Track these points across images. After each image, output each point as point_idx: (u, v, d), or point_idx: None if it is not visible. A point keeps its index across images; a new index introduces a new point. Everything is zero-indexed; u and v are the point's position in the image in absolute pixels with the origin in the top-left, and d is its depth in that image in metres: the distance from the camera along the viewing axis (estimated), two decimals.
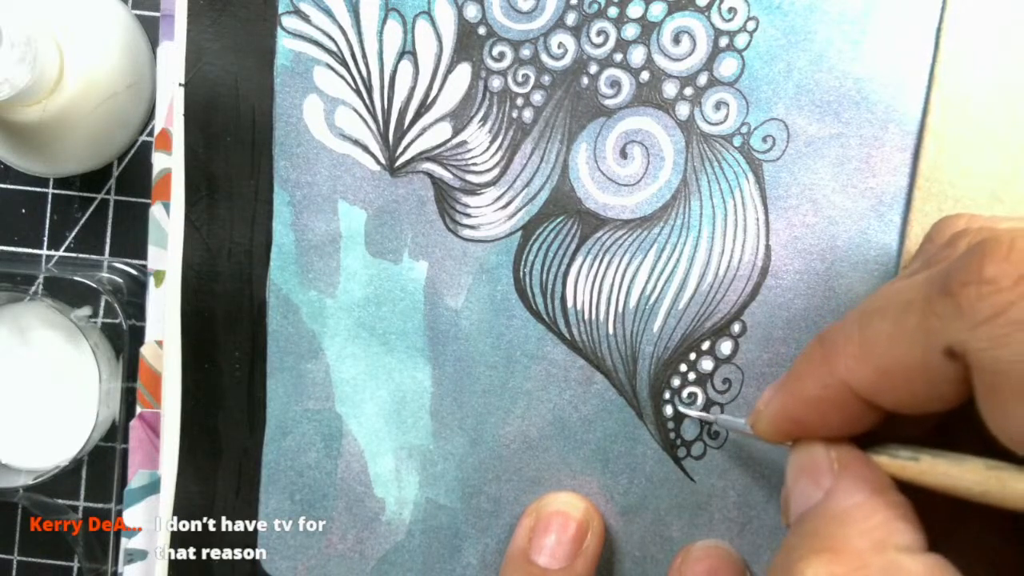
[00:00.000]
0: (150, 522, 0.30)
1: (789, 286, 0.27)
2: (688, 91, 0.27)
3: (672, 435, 0.28)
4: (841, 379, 0.19)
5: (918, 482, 0.18)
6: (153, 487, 0.30)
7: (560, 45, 0.27)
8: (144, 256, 0.33)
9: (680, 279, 0.27)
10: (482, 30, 0.27)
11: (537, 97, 0.27)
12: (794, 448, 0.21)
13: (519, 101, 0.27)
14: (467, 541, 0.28)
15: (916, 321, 0.17)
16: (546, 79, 0.27)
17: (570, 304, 0.28)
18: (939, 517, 0.18)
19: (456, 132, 0.28)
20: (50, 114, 0.30)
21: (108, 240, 0.35)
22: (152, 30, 0.33)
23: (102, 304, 0.35)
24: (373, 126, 0.28)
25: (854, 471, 0.19)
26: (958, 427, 0.21)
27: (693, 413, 0.27)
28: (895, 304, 0.18)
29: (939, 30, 0.26)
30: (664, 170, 0.27)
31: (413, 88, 0.28)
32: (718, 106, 0.27)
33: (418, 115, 0.28)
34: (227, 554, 0.29)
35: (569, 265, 0.28)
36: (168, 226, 0.29)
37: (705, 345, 0.27)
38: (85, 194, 0.35)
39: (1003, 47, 0.26)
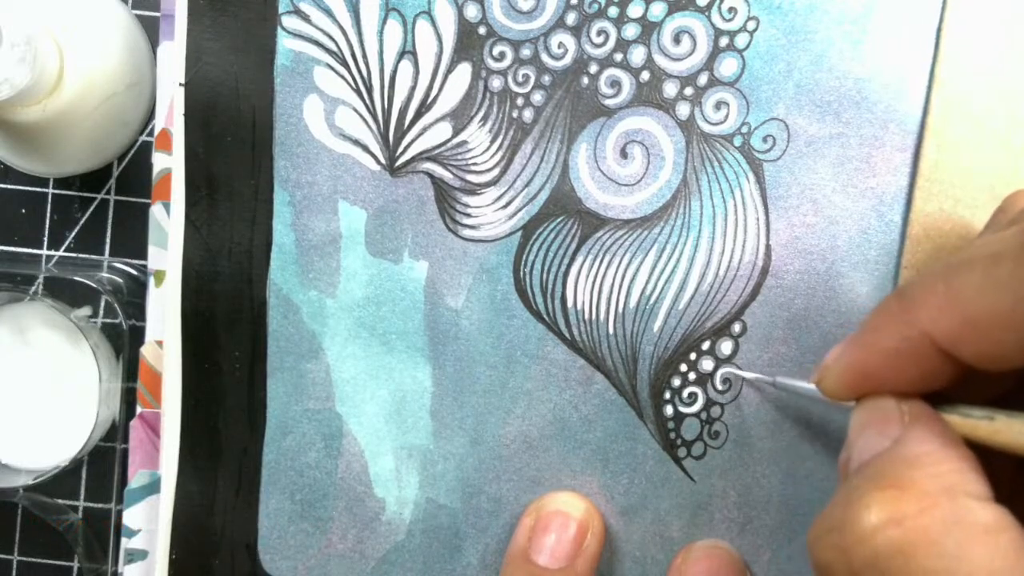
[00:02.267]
0: (150, 522, 0.30)
1: (790, 286, 0.27)
2: (688, 91, 0.27)
3: (672, 435, 0.28)
4: (923, 330, 0.19)
5: (990, 442, 0.18)
6: (153, 487, 0.30)
7: (560, 45, 0.27)
8: (144, 256, 0.33)
9: (680, 279, 0.27)
10: (482, 30, 0.27)
11: (537, 97, 0.27)
12: (861, 403, 0.20)
13: (519, 101, 0.27)
14: (467, 541, 0.28)
15: (1009, 270, 0.17)
16: (546, 79, 0.27)
17: (570, 304, 0.28)
18: (999, 479, 0.18)
19: (456, 132, 0.28)
20: (50, 114, 0.30)
21: (108, 240, 0.35)
22: (152, 30, 0.33)
23: (102, 304, 0.35)
24: (373, 126, 0.28)
25: (925, 423, 0.18)
26: (1013, 403, 0.21)
27: (751, 375, 0.27)
28: (984, 256, 0.18)
29: (939, 30, 0.26)
30: (664, 170, 0.27)
31: (413, 88, 0.28)
32: (718, 106, 0.27)
33: (418, 115, 0.28)
34: (227, 554, 0.29)
35: (569, 265, 0.28)
36: (168, 226, 0.29)
37: (705, 345, 0.27)
38: (85, 194, 0.35)
39: (1003, 47, 0.26)
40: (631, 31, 0.27)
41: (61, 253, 0.35)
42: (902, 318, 0.19)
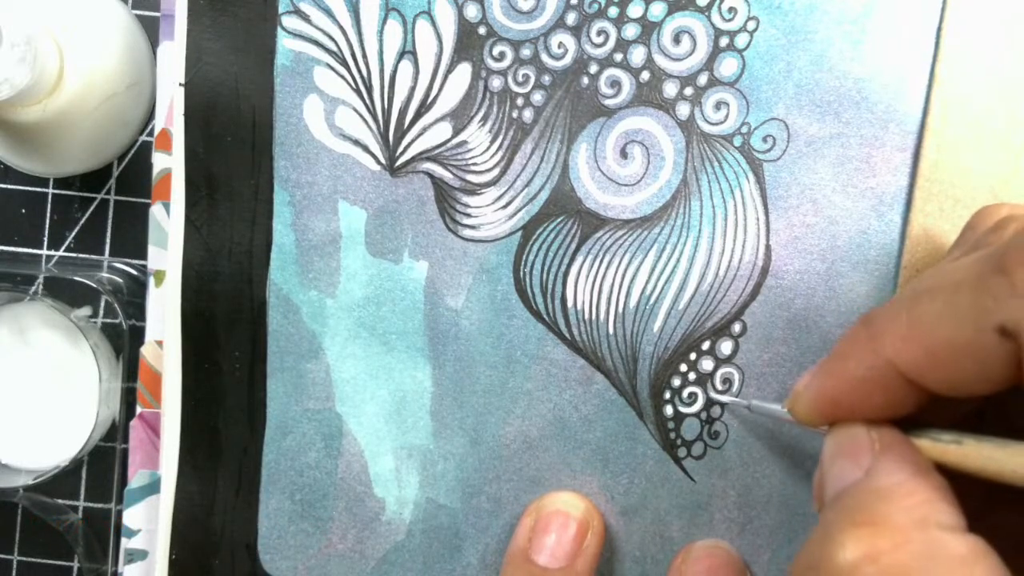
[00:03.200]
0: (150, 522, 0.30)
1: (789, 286, 0.27)
2: (688, 91, 0.27)
3: (672, 435, 0.28)
4: (887, 359, 0.19)
5: (959, 466, 0.18)
6: (153, 487, 0.30)
7: (560, 45, 0.27)
8: (144, 256, 0.33)
9: (680, 279, 0.27)
10: (482, 30, 0.27)
11: (537, 97, 0.27)
12: (832, 430, 0.20)
13: (519, 101, 0.27)
14: (467, 541, 0.28)
15: (968, 300, 0.17)
16: (546, 79, 0.27)
17: (570, 304, 0.28)
18: (970, 502, 0.18)
19: (456, 132, 0.28)
20: (50, 114, 0.30)
21: (108, 240, 0.35)
22: (152, 30, 0.33)
23: (102, 304, 0.35)
24: (373, 126, 0.28)
25: (896, 451, 0.19)
26: (990, 418, 0.21)
27: (726, 399, 0.27)
28: (945, 284, 0.18)
29: (939, 30, 0.26)
30: (664, 170, 0.27)
31: (413, 88, 0.28)
32: (718, 106, 0.27)
33: (418, 115, 0.28)
34: (227, 554, 0.29)
35: (569, 265, 0.28)
36: (168, 226, 0.29)
37: (705, 345, 0.27)
38: (85, 194, 0.35)
39: (1003, 46, 0.26)
40: (631, 31, 0.27)
41: (61, 253, 0.35)
42: (868, 347, 0.19)
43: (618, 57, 0.27)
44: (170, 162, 0.29)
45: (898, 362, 0.19)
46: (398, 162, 0.28)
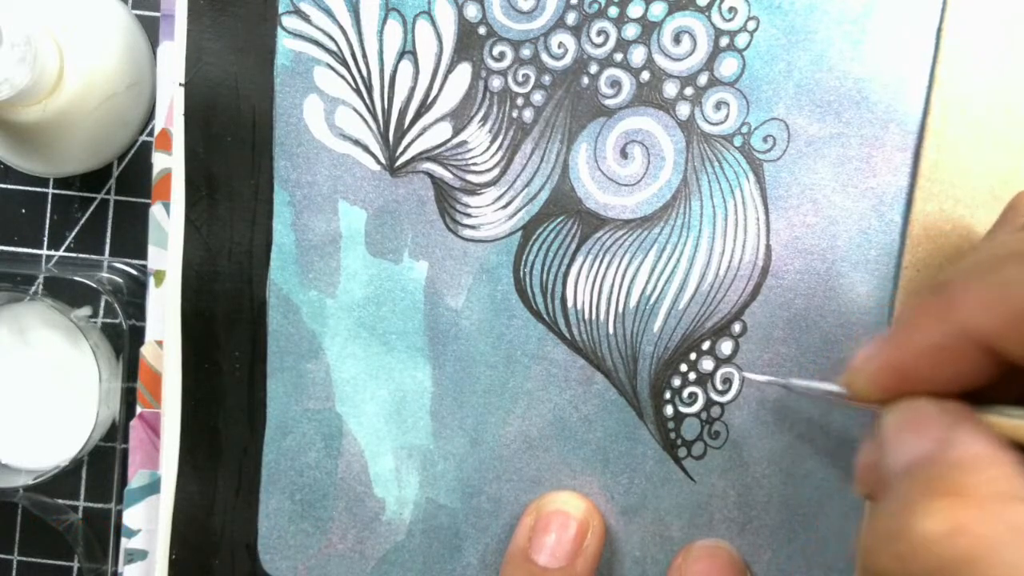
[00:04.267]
0: (150, 522, 0.30)
1: (790, 286, 0.27)
2: (688, 91, 0.27)
3: (672, 435, 0.28)
4: (962, 327, 0.18)
5: None
6: (153, 487, 0.30)
7: (560, 45, 0.27)
8: (144, 256, 0.33)
9: (680, 279, 0.27)
10: (482, 30, 0.27)
11: (537, 97, 0.27)
12: (894, 405, 0.20)
13: (519, 101, 0.27)
14: (467, 541, 0.28)
15: None
16: (546, 79, 0.27)
17: (570, 304, 0.28)
18: None
19: (456, 132, 0.28)
20: (50, 114, 0.30)
21: (108, 240, 0.35)
22: (152, 30, 0.33)
23: (102, 304, 0.35)
24: (373, 126, 0.28)
25: (969, 424, 0.18)
26: None
27: (763, 378, 0.27)
28: None
29: (939, 30, 0.26)
30: (664, 170, 0.27)
31: (413, 88, 0.28)
32: (718, 106, 0.27)
33: (418, 115, 0.28)
34: (227, 554, 0.29)
35: (569, 265, 0.28)
36: (168, 226, 0.29)
37: (705, 345, 0.27)
38: (85, 194, 0.35)
39: (1004, 47, 0.26)
40: (631, 31, 0.27)
41: (61, 253, 0.35)
42: (941, 314, 0.19)
43: (618, 57, 0.27)
44: (170, 162, 0.29)
45: (976, 329, 0.18)
46: (398, 162, 0.28)
